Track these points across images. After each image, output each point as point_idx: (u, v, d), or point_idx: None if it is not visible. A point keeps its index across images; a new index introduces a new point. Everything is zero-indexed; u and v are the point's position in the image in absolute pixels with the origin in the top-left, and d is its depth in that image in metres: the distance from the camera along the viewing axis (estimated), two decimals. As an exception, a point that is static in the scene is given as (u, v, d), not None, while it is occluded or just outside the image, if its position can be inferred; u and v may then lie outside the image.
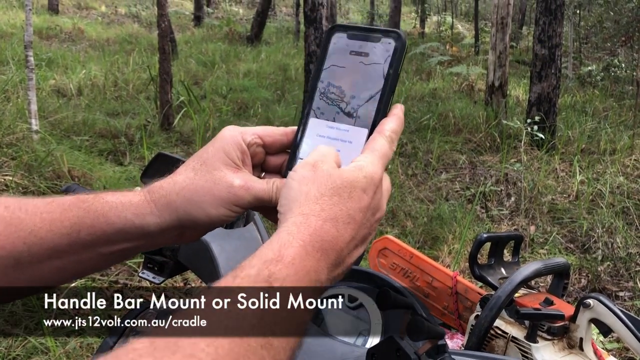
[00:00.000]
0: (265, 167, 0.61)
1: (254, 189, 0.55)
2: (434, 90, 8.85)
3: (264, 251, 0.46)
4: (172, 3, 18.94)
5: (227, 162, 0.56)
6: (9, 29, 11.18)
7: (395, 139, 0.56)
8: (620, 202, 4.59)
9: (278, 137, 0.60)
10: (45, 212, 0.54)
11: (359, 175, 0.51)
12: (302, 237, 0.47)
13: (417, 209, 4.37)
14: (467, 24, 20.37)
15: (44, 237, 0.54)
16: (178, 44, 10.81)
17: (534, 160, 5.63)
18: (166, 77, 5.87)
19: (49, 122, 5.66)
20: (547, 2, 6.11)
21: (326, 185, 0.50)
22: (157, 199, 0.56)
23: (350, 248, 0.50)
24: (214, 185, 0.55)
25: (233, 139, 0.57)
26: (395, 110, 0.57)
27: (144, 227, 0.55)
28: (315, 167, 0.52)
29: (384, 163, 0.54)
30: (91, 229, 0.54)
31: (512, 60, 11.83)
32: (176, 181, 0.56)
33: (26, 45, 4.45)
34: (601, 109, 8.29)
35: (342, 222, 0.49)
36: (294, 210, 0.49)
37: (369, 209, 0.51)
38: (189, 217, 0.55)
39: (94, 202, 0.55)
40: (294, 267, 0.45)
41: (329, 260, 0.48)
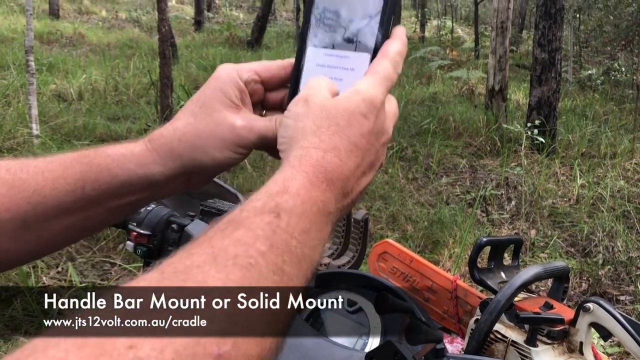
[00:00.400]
0: (266, 104, 0.59)
1: (256, 128, 0.54)
2: (434, 94, 8.86)
3: (269, 185, 0.45)
4: (173, 8, 19.00)
5: (226, 102, 0.54)
6: (10, 34, 11.21)
7: (399, 61, 0.53)
8: (620, 205, 4.59)
9: (276, 71, 0.57)
10: (47, 171, 0.54)
11: (357, 99, 0.49)
12: (305, 169, 0.45)
13: (417, 213, 4.37)
14: (467, 28, 20.41)
15: (48, 195, 0.53)
16: (179, 49, 10.83)
17: (534, 164, 5.63)
18: (167, 82, 5.88)
19: (49, 126, 5.67)
20: (546, 6, 6.12)
21: (321, 117, 0.48)
22: (159, 147, 0.54)
23: (358, 175, 0.49)
24: (216, 127, 0.54)
25: (229, 77, 0.55)
26: (397, 32, 0.55)
27: (148, 177, 0.54)
28: (307, 101, 0.50)
29: (388, 86, 0.52)
30: (95, 183, 0.54)
31: (512, 64, 11.85)
32: (176, 127, 0.54)
33: (27, 50, 4.47)
34: (601, 112, 8.30)
35: (345, 151, 0.47)
36: (293, 145, 0.48)
37: (372, 133, 0.49)
38: (193, 162, 0.54)
39: (96, 157, 0.54)
40: (300, 197, 0.44)
41: (335, 190, 0.46)
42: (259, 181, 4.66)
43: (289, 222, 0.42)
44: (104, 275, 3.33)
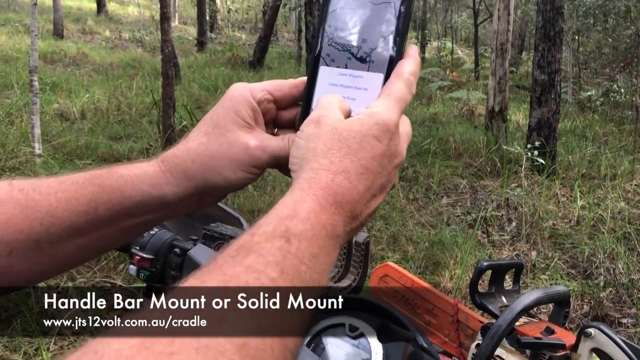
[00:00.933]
0: (278, 123, 0.59)
1: (269, 147, 0.54)
2: (435, 114, 8.91)
3: (279, 208, 0.45)
4: (176, 28, 19.19)
5: (239, 122, 0.54)
6: (14, 54, 11.32)
7: (413, 81, 0.53)
8: (621, 227, 4.59)
9: (288, 90, 0.57)
10: (60, 191, 0.53)
11: (370, 122, 0.49)
12: (315, 192, 0.45)
13: (418, 234, 4.37)
14: (467, 49, 20.57)
15: (61, 216, 0.53)
16: (181, 69, 10.92)
17: (534, 185, 5.64)
18: (169, 102, 5.92)
19: (52, 145, 5.70)
20: (546, 29, 6.19)
21: (332, 139, 0.48)
22: (172, 167, 0.54)
23: (367, 198, 0.48)
24: (229, 148, 0.54)
25: (242, 97, 0.55)
26: (411, 51, 0.54)
27: (161, 198, 0.54)
28: (319, 122, 0.50)
29: (402, 107, 0.52)
30: (108, 204, 0.53)
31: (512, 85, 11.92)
32: (190, 148, 0.55)
33: (31, 70, 4.51)
34: (601, 133, 8.33)
35: (355, 173, 0.47)
36: (304, 166, 0.48)
37: (384, 156, 0.49)
38: (207, 183, 0.54)
39: (108, 177, 0.54)
40: (310, 221, 0.44)
41: (344, 213, 0.46)
42: (260, 201, 4.66)
43: (299, 247, 0.42)
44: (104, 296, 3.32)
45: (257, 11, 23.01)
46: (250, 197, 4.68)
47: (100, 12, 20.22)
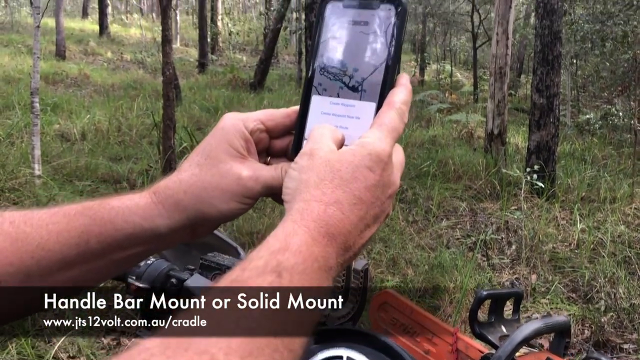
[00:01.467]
0: (271, 151, 0.59)
1: (262, 178, 0.54)
2: (434, 137, 8.94)
3: (270, 242, 0.45)
4: (178, 50, 19.36)
5: (231, 153, 0.55)
6: (16, 75, 11.40)
7: (405, 110, 0.53)
8: (621, 251, 4.57)
9: (281, 119, 0.57)
10: (51, 224, 0.53)
11: (363, 153, 0.49)
12: (306, 224, 0.45)
13: (418, 257, 4.35)
14: (466, 72, 20.74)
15: (52, 249, 0.52)
16: (182, 90, 10.99)
17: (534, 207, 5.64)
18: (169, 123, 5.94)
19: (52, 166, 5.71)
20: (544, 53, 6.24)
21: (324, 170, 0.48)
22: (164, 199, 0.54)
23: (360, 229, 0.48)
24: (222, 179, 0.54)
25: (235, 127, 0.55)
26: (402, 80, 0.54)
27: (153, 230, 0.54)
28: (312, 154, 0.50)
29: (395, 137, 0.51)
30: (100, 236, 0.53)
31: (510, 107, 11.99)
32: (182, 179, 0.55)
33: (32, 92, 4.53)
34: (600, 156, 8.35)
35: (348, 204, 0.47)
36: (296, 197, 0.48)
37: (377, 186, 0.49)
38: (199, 214, 0.54)
39: (100, 209, 0.54)
40: (302, 254, 0.43)
41: (336, 245, 0.46)
42: (259, 222, 4.65)
43: (291, 282, 0.42)
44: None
45: (258, 34, 23.25)
46: (249, 219, 4.67)
47: (102, 34, 20.41)
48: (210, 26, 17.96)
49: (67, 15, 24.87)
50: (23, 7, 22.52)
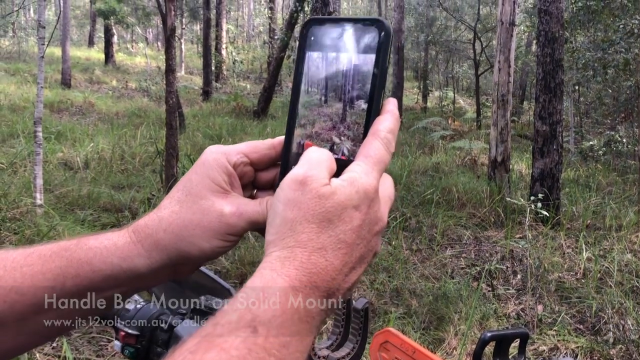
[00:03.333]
0: (257, 184, 0.56)
1: (246, 213, 0.51)
2: (437, 164, 8.93)
3: (247, 291, 0.42)
4: (182, 78, 19.57)
5: (213, 188, 0.52)
6: (22, 103, 11.52)
7: (392, 139, 0.50)
8: (629, 280, 4.50)
9: (266, 151, 0.55)
10: (26, 266, 0.51)
11: (351, 191, 0.46)
12: (287, 272, 0.43)
13: (422, 287, 4.29)
14: (468, 98, 20.84)
15: (26, 292, 0.50)
16: (186, 118, 11.06)
17: (539, 236, 5.58)
18: (172, 152, 5.95)
19: (54, 195, 5.70)
20: (546, 81, 6.26)
21: (314, 211, 0.45)
22: (143, 238, 0.52)
23: (345, 272, 0.46)
24: (203, 216, 0.51)
25: (217, 162, 0.53)
26: (388, 106, 0.51)
27: (133, 270, 0.51)
28: (303, 185, 0.46)
29: (381, 169, 0.49)
30: (76, 278, 0.51)
31: (514, 134, 12.00)
32: (162, 217, 0.52)
33: (35, 122, 4.55)
34: (605, 183, 8.31)
35: (332, 249, 0.45)
36: (278, 243, 0.45)
37: (362, 227, 0.46)
38: (180, 253, 0.51)
39: (77, 250, 0.52)
40: (280, 306, 0.41)
41: (319, 293, 0.44)
42: (262, 252, 4.61)
43: (267, 337, 0.40)
44: (99, 351, 3.24)
45: (262, 62, 23.50)
46: (252, 248, 4.63)
47: (108, 62, 20.69)
48: (214, 55, 18.16)
49: (74, 44, 25.24)
50: (30, 37, 22.86)
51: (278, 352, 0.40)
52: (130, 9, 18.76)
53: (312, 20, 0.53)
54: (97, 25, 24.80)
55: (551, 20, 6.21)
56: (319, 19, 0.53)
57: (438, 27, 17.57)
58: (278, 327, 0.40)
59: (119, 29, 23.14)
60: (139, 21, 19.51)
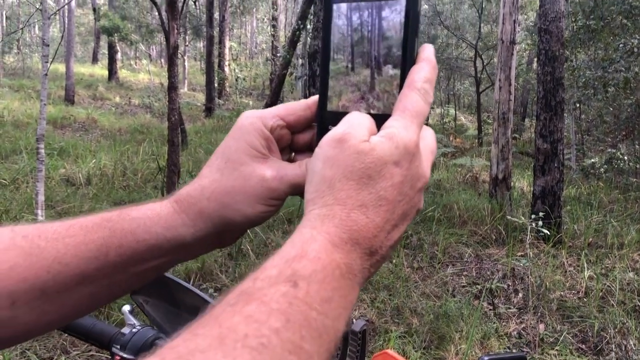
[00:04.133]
0: (294, 146, 0.56)
1: (287, 177, 0.51)
2: (439, 181, 8.93)
3: (286, 249, 0.41)
4: (185, 94, 19.69)
5: (252, 153, 0.52)
6: (25, 119, 11.58)
7: (429, 88, 0.48)
8: (631, 300, 4.47)
9: (302, 112, 0.54)
10: (68, 237, 0.50)
11: (390, 147, 0.45)
12: (327, 230, 0.42)
13: (423, 305, 4.27)
14: (470, 115, 20.91)
15: (69, 263, 0.49)
16: (189, 134, 11.10)
17: (540, 254, 5.56)
18: (174, 168, 5.97)
19: (56, 211, 5.71)
20: (547, 99, 6.28)
21: (353, 167, 0.44)
22: (187, 207, 0.51)
23: (387, 230, 0.45)
24: (245, 182, 0.51)
25: (253, 126, 0.52)
26: (424, 53, 0.49)
27: (178, 240, 0.51)
28: (342, 142, 0.45)
29: (420, 122, 0.47)
30: (120, 249, 0.50)
31: (515, 151, 12.02)
32: (204, 186, 0.52)
33: (38, 138, 4.58)
34: (607, 201, 8.29)
35: (373, 206, 0.44)
36: (317, 201, 0.44)
37: (404, 183, 0.45)
38: (224, 221, 0.51)
39: (120, 220, 0.51)
40: (321, 262, 0.40)
41: (360, 250, 0.43)
42: (262, 270, 4.60)
43: (308, 291, 0.38)
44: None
45: (265, 79, 23.65)
46: (252, 265, 4.61)
47: (111, 79, 20.83)
48: (217, 72, 18.29)
49: (78, 60, 25.46)
50: (35, 54, 23.07)
51: (320, 306, 0.38)
52: (134, 26, 18.93)
53: None
54: (101, 42, 25.03)
55: (551, 39, 6.25)
56: None
57: (439, 45, 17.69)
58: (319, 282, 0.39)
59: (122, 46, 23.33)
60: (143, 38, 19.68)
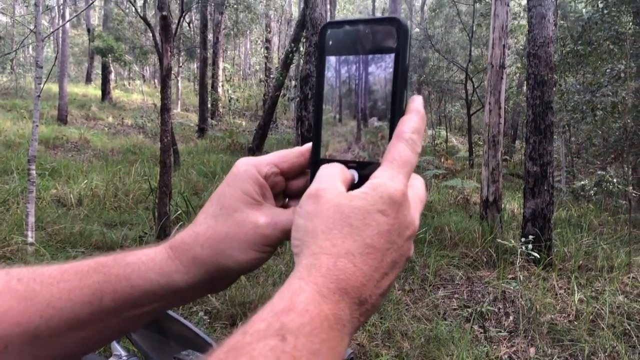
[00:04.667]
0: (288, 192, 0.57)
1: (280, 223, 0.52)
2: (430, 203, 8.96)
3: (274, 301, 0.41)
4: (178, 115, 19.73)
5: (246, 200, 0.52)
6: (17, 139, 11.55)
7: (418, 139, 0.49)
8: (621, 323, 4.49)
9: (295, 159, 0.55)
10: (63, 281, 0.50)
11: (374, 196, 0.45)
12: (315, 280, 0.42)
13: (414, 329, 4.26)
14: (461, 137, 21.06)
15: (63, 307, 0.50)
16: (181, 155, 11.11)
17: (531, 276, 5.58)
18: (165, 190, 5.97)
19: (46, 232, 5.69)
20: (536, 122, 6.36)
21: (333, 218, 0.45)
22: (181, 254, 0.52)
23: (377, 278, 0.44)
24: (239, 228, 0.51)
25: (248, 174, 0.53)
26: (413, 104, 0.50)
27: (171, 286, 0.52)
28: (318, 197, 0.46)
29: (407, 172, 0.48)
30: (114, 294, 0.51)
31: (506, 173, 12.09)
32: (198, 232, 0.52)
33: (29, 160, 4.58)
34: (596, 223, 8.34)
35: (359, 254, 0.43)
36: (304, 251, 0.45)
37: (391, 231, 0.45)
38: (218, 267, 0.52)
39: (114, 266, 0.52)
40: (309, 314, 0.40)
41: (349, 300, 0.43)
42: (252, 292, 4.59)
43: (296, 345, 0.39)
44: None
45: (258, 99, 23.77)
46: (242, 289, 4.60)
47: (104, 99, 20.86)
48: (210, 92, 18.37)
49: (71, 80, 25.50)
50: (28, 74, 23.10)
51: (307, 359, 0.39)
52: (128, 47, 19.03)
53: (329, 24, 0.53)
54: (95, 62, 25.10)
55: (540, 64, 6.35)
56: (335, 22, 0.53)
57: (430, 68, 17.88)
58: (307, 335, 0.39)
59: (116, 67, 23.42)
60: (136, 59, 19.78)
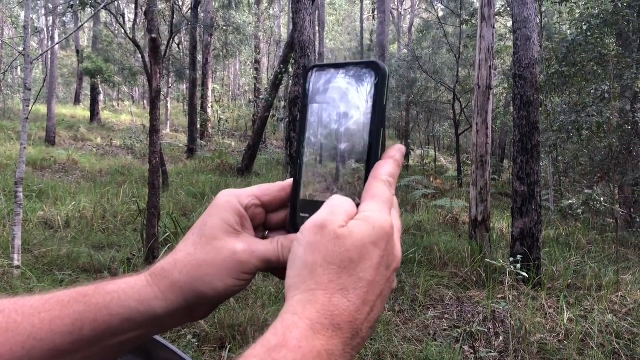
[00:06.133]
0: (268, 225, 0.58)
1: (258, 251, 0.53)
2: (419, 222, 8.98)
3: (268, 336, 0.41)
4: (167, 135, 19.71)
5: (226, 229, 0.53)
6: (4, 161, 11.47)
7: (393, 183, 0.51)
8: (610, 342, 4.50)
9: (276, 194, 0.57)
10: (44, 312, 0.51)
11: (368, 228, 0.46)
12: (309, 316, 0.42)
13: (404, 350, 4.24)
14: (449, 157, 21.20)
15: (44, 338, 0.50)
16: (170, 175, 11.08)
17: (520, 296, 5.59)
18: (154, 211, 5.94)
19: (33, 255, 5.63)
20: (523, 142, 6.43)
21: (334, 252, 0.45)
22: (160, 281, 0.52)
23: (367, 311, 0.45)
24: (216, 255, 0.52)
25: (229, 204, 0.55)
26: (392, 152, 0.53)
27: (150, 313, 0.52)
28: (323, 228, 0.47)
29: (389, 208, 0.49)
30: (94, 323, 0.51)
31: (494, 192, 12.16)
32: (177, 260, 0.53)
33: (17, 182, 4.55)
34: (585, 242, 8.40)
35: (353, 289, 0.44)
36: (299, 286, 0.45)
37: (381, 264, 0.47)
38: (195, 294, 0.52)
39: (95, 295, 0.52)
40: (301, 350, 0.40)
41: (343, 335, 0.43)
42: (241, 315, 4.55)
43: None
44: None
45: (247, 120, 23.82)
46: (231, 311, 4.57)
47: (93, 120, 20.82)
48: (200, 113, 18.39)
49: (60, 101, 25.44)
50: (16, 94, 23.03)
51: None
52: (117, 68, 19.06)
53: (313, 67, 0.55)
54: (84, 83, 25.11)
55: (526, 85, 6.44)
56: (319, 65, 0.55)
57: (419, 88, 18.06)
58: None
59: (105, 88, 23.42)
60: (126, 80, 19.80)
